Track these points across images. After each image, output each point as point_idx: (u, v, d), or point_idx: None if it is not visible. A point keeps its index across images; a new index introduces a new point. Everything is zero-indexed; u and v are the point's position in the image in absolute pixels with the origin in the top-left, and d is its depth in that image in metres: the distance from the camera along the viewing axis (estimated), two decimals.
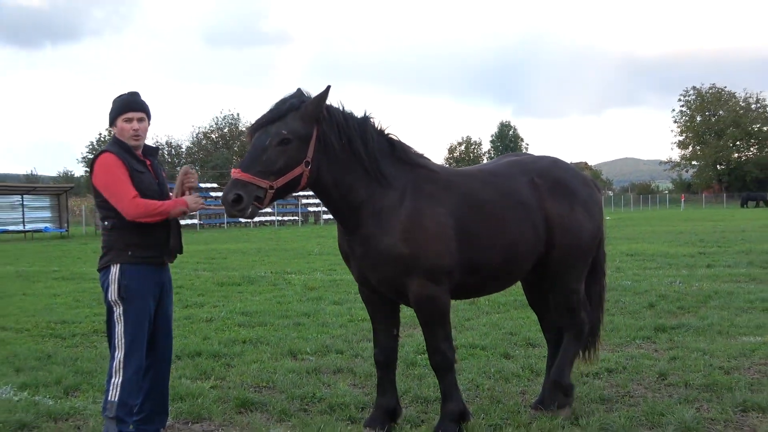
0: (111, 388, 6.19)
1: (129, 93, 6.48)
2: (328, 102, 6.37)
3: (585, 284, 7.57)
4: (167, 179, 6.86)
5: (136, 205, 6.13)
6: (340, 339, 10.89)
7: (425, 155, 6.94)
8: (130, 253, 6.23)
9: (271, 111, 6.28)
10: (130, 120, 6.34)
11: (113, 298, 6.23)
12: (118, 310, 6.22)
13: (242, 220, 6.71)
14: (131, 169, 6.24)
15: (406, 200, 6.48)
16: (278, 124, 6.17)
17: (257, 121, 6.30)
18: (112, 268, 6.24)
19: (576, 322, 7.35)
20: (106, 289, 6.28)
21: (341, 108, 6.51)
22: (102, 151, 6.32)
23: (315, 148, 6.24)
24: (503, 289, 7.62)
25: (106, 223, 6.31)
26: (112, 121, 6.41)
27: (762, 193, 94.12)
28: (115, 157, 6.23)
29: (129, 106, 6.38)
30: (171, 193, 6.62)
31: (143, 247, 6.25)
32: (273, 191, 6.09)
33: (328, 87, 6.27)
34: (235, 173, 6.05)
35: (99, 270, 6.37)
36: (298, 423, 7.04)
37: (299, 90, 6.45)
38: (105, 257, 6.32)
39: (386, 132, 6.70)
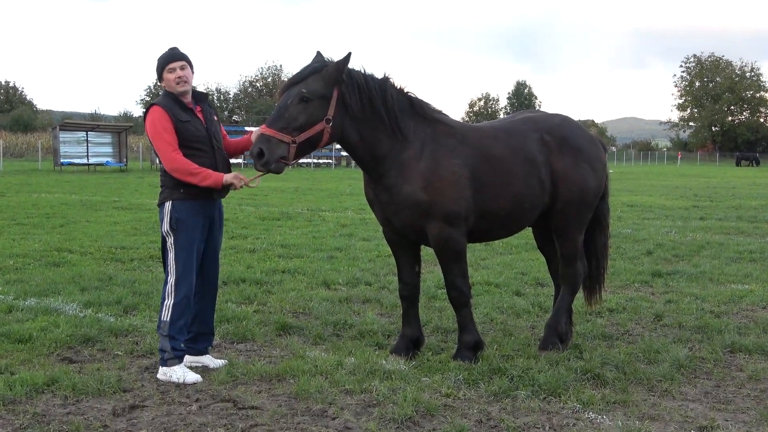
0: (164, 309, 6.27)
1: (169, 48, 6.47)
2: (351, 66, 6.33)
3: (590, 235, 7.51)
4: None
5: (173, 159, 6.15)
6: (369, 272, 10.90)
7: (443, 111, 6.89)
8: (182, 190, 6.24)
9: (295, 74, 6.32)
10: (172, 70, 6.29)
11: (166, 229, 6.29)
12: (170, 240, 6.28)
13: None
14: (176, 120, 6.21)
15: (425, 153, 6.48)
16: (300, 85, 6.20)
17: (284, 84, 6.34)
18: (166, 203, 6.29)
19: (572, 272, 7.28)
20: (161, 221, 6.36)
21: (363, 71, 6.47)
22: (151, 105, 6.32)
23: (336, 107, 6.23)
24: (513, 234, 7.53)
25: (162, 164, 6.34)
26: (159, 76, 6.39)
27: (754, 153, 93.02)
28: (161, 110, 6.21)
29: (170, 58, 6.35)
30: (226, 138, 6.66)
31: (193, 186, 6.24)
32: (295, 146, 6.11)
33: (349, 53, 6.26)
34: (261, 128, 6.13)
35: (158, 205, 6.43)
36: (332, 347, 7.07)
37: (319, 54, 6.43)
38: (162, 194, 6.37)
39: (405, 90, 6.66)
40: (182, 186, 6.23)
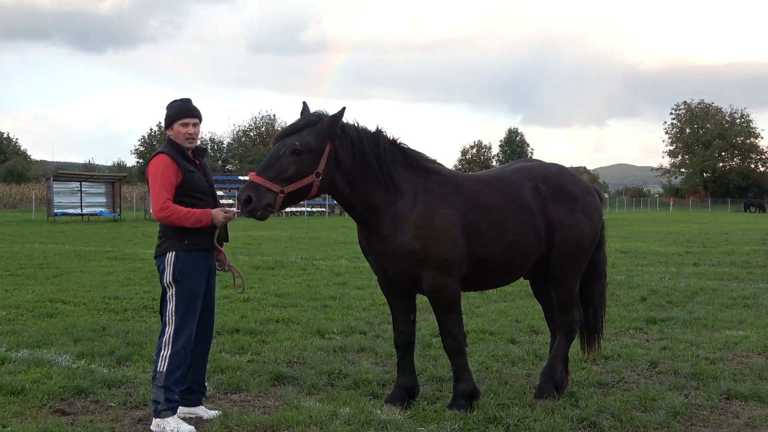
0: (160, 359, 6.22)
1: (183, 100, 6.46)
2: (344, 120, 6.41)
3: (587, 284, 7.52)
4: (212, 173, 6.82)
5: (165, 208, 6.13)
6: (363, 321, 10.87)
7: (437, 161, 6.97)
8: (186, 241, 6.23)
9: (290, 125, 6.39)
10: (186, 125, 6.33)
11: (168, 280, 6.24)
12: (171, 291, 6.25)
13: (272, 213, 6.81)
14: (184, 170, 6.25)
15: (418, 202, 6.53)
16: (294, 136, 6.25)
17: (278, 134, 6.39)
18: (168, 254, 6.24)
19: (568, 320, 7.28)
20: (162, 271, 6.30)
21: (356, 125, 6.55)
22: (158, 152, 6.33)
23: (327, 161, 6.27)
24: (508, 283, 7.59)
25: None
26: (169, 125, 6.38)
27: (760, 199, 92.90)
28: (169, 159, 6.24)
29: (185, 112, 6.36)
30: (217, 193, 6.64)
31: (196, 236, 6.25)
32: (283, 195, 6.13)
33: (343, 108, 6.34)
34: (251, 175, 6.15)
35: (156, 256, 6.36)
36: (326, 396, 7.03)
37: (305, 104, 6.53)
38: (163, 245, 6.32)
39: (398, 141, 6.73)
40: (186, 236, 6.22)
